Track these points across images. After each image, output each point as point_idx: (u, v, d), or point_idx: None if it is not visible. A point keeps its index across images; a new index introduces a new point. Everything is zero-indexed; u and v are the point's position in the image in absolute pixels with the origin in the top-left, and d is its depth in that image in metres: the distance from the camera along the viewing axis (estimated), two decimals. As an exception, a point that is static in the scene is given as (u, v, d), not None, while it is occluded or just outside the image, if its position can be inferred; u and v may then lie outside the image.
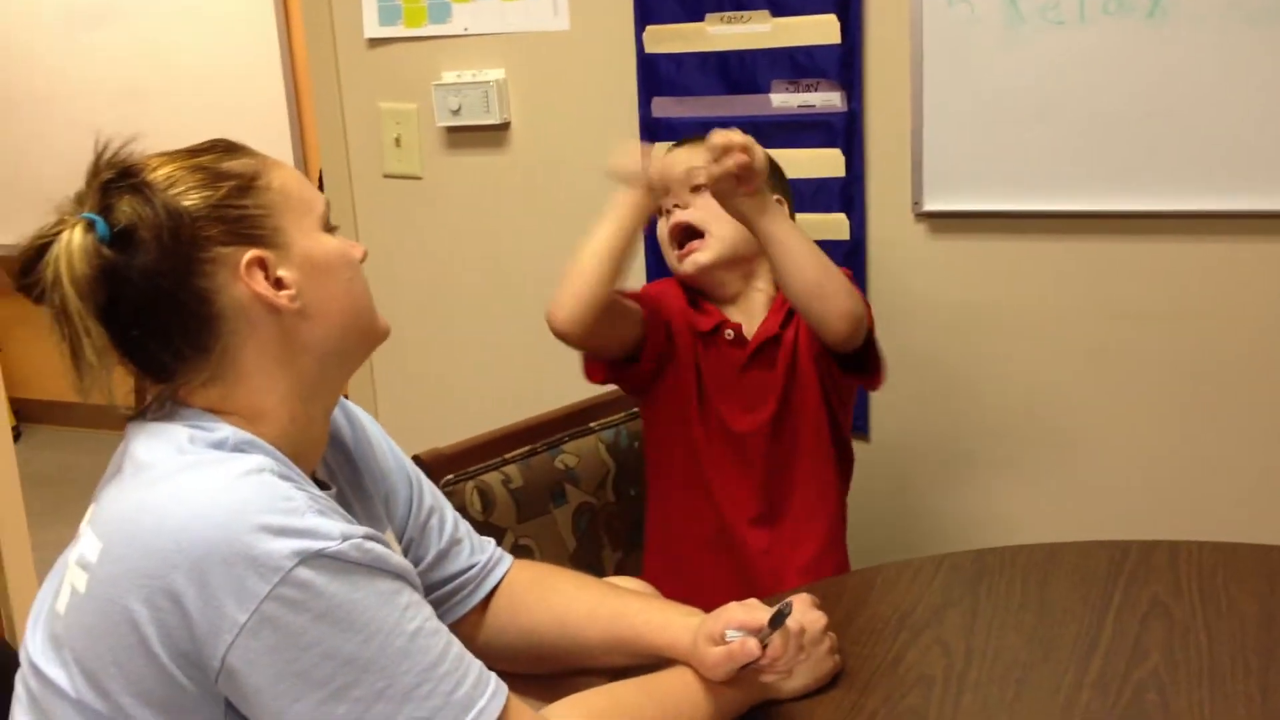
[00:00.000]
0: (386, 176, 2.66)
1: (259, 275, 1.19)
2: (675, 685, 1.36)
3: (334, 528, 1.11)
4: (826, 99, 2.22)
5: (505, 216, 2.55)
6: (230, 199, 1.20)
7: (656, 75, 2.35)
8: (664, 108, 2.36)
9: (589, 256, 1.81)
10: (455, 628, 1.46)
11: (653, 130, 2.36)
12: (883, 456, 2.34)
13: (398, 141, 2.63)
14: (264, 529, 1.07)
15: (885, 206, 2.24)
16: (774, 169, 1.95)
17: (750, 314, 1.96)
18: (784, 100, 2.26)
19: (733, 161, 1.70)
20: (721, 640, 1.34)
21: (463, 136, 2.56)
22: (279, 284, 1.20)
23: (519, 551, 1.91)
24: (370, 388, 2.77)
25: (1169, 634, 1.49)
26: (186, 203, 1.18)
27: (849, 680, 1.44)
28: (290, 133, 4.49)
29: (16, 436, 3.18)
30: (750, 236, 1.85)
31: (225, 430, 1.18)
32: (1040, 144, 2.12)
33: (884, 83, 2.20)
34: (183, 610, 1.07)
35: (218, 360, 1.19)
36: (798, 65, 2.23)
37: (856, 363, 1.88)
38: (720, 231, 1.90)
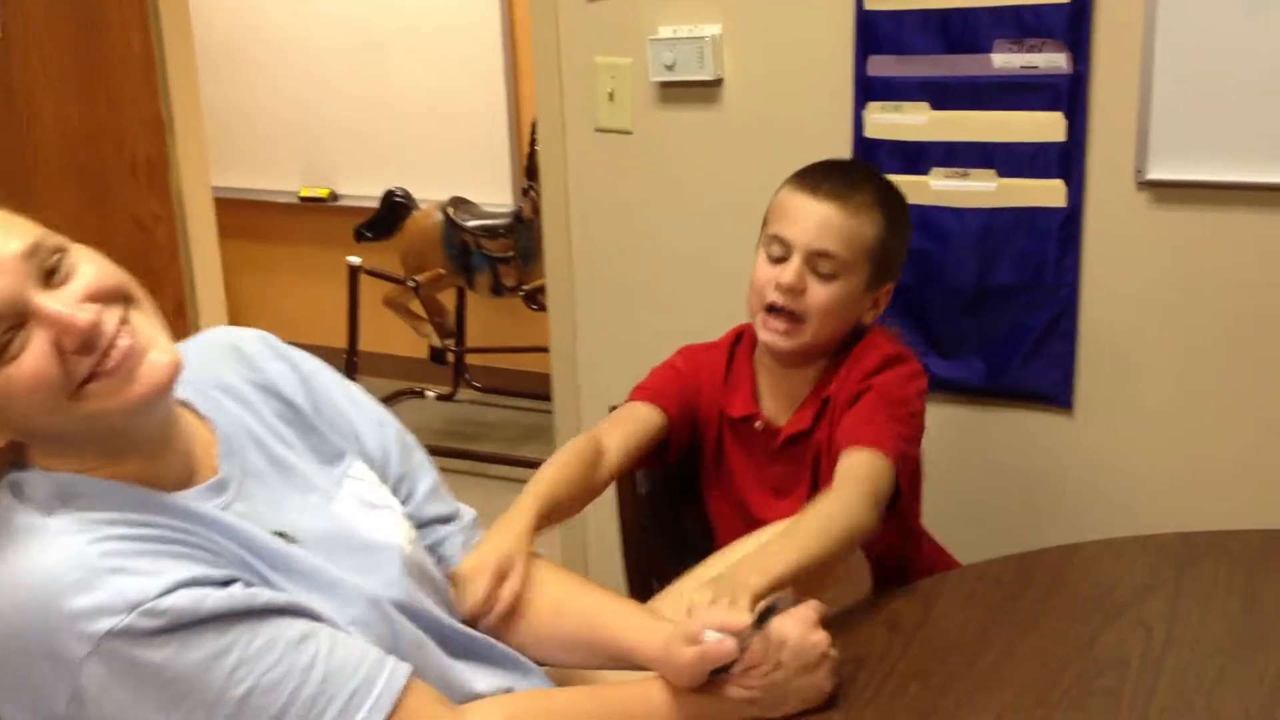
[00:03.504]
0: (598, 131, 2.68)
1: None
2: (630, 698, 1.31)
3: (124, 595, 1.06)
4: (1051, 60, 2.15)
5: (714, 173, 2.55)
6: None
7: (875, 33, 2.30)
8: (881, 66, 2.31)
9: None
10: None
11: (868, 89, 2.32)
12: (1086, 430, 2.26)
13: (611, 96, 2.64)
14: (56, 621, 1.05)
15: (1106, 173, 2.16)
16: (889, 231, 1.78)
17: (785, 402, 1.83)
18: (1006, 61, 2.19)
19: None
20: (698, 641, 1.27)
21: (676, 92, 2.56)
22: None
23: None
24: (572, 342, 2.80)
25: (1390, 632, 1.41)
26: None
27: (1043, 657, 1.41)
28: (505, 84, 4.58)
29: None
30: (839, 333, 1.77)
31: (42, 484, 1.15)
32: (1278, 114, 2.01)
33: (1113, 44, 2.11)
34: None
35: None
36: (1023, 24, 2.16)
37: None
38: (818, 328, 1.75)
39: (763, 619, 1.27)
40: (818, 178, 1.79)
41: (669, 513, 1.99)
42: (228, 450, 1.29)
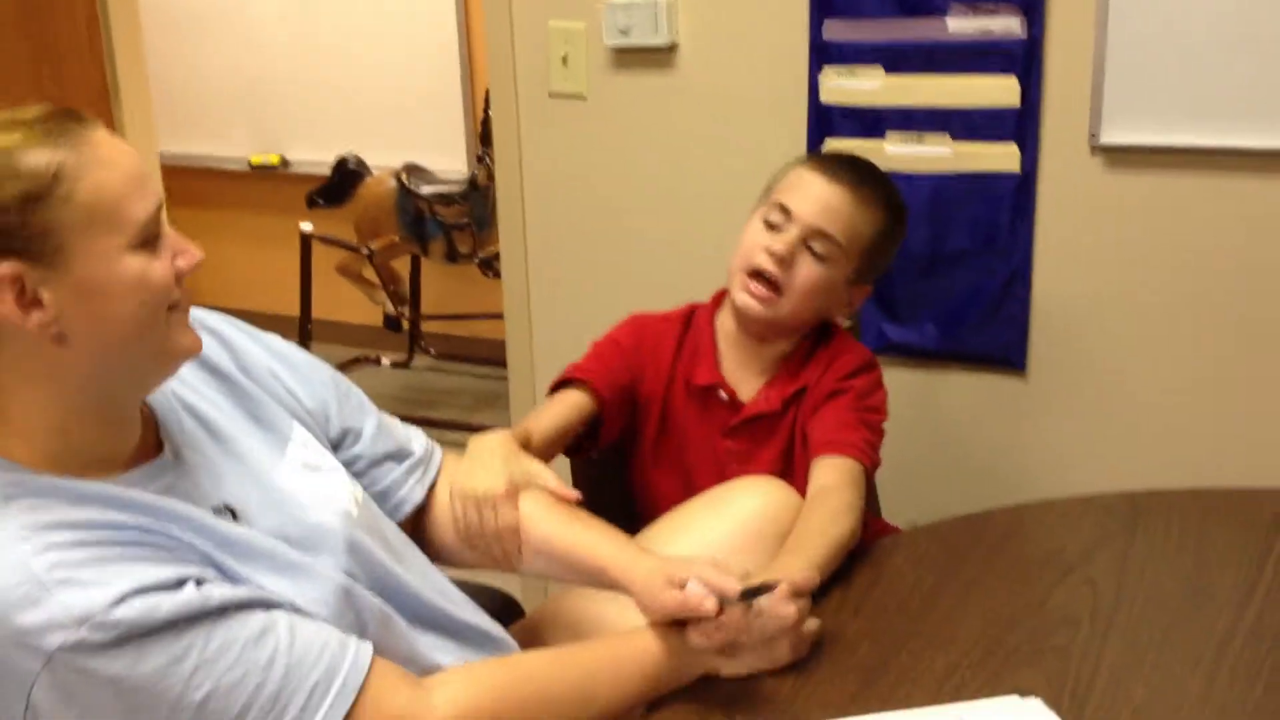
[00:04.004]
0: (552, 96, 2.66)
1: (8, 292, 1.08)
2: (597, 665, 1.32)
3: (71, 609, 1.03)
4: (1006, 25, 2.15)
5: (669, 138, 2.54)
6: (11, 205, 1.07)
7: (829, -3, 2.30)
8: (835, 31, 2.31)
9: None
10: (419, 518, 1.48)
11: (823, 53, 2.31)
12: (1039, 393, 2.28)
13: (565, 61, 2.62)
14: (5, 637, 1.03)
15: (1060, 138, 2.16)
16: (886, 228, 1.77)
17: (746, 376, 1.80)
18: (960, 25, 2.19)
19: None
20: (681, 586, 1.30)
21: (630, 57, 2.55)
22: (37, 303, 1.09)
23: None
24: (526, 308, 2.79)
25: (1334, 589, 1.43)
26: None
27: (994, 616, 1.42)
28: (459, 49, 4.54)
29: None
30: (811, 318, 1.76)
31: None
32: (1233, 76, 2.01)
33: (1067, 9, 2.11)
34: None
35: None
36: (976, -12, 2.16)
37: None
38: (795, 305, 1.73)
39: (751, 593, 1.28)
40: (836, 164, 1.79)
41: (618, 476, 1.97)
42: (167, 428, 1.27)
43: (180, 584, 1.10)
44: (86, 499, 1.12)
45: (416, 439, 1.55)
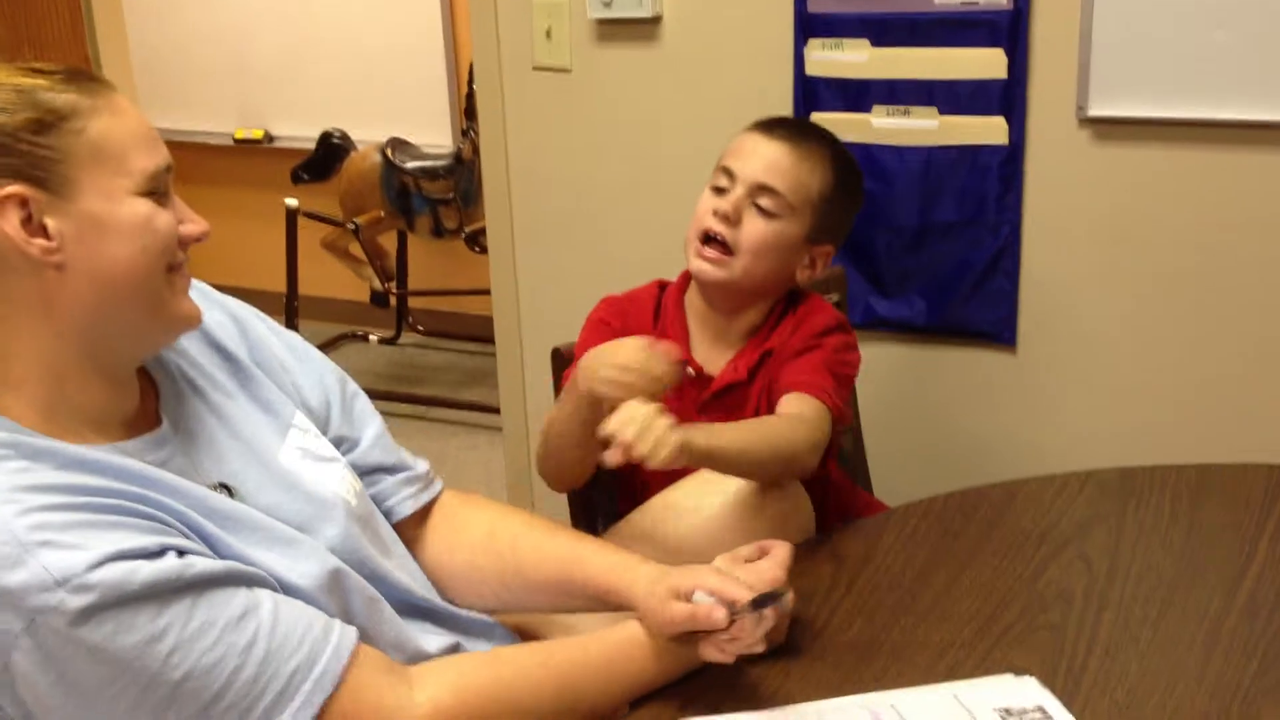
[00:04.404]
0: (536, 69, 2.65)
1: (13, 213, 1.10)
2: (585, 661, 1.29)
3: (50, 571, 1.03)
4: (991, -4, 2.14)
5: (653, 112, 2.53)
6: (22, 129, 1.10)
7: (814, -32, 2.29)
8: (820, 3, 2.29)
9: (566, 449, 1.64)
10: (405, 528, 1.45)
11: (809, 25, 2.30)
12: (1028, 367, 2.28)
13: (548, 33, 2.60)
14: None
15: (1047, 110, 2.16)
16: (839, 196, 1.76)
17: (717, 350, 1.79)
18: (947, -3, 2.18)
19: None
20: (687, 599, 1.25)
21: (614, 29, 2.53)
22: (41, 231, 1.11)
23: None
24: (513, 284, 2.78)
25: (1326, 562, 1.43)
26: None
27: (987, 593, 1.42)
28: (442, 23, 4.51)
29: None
30: (771, 281, 1.75)
31: None
32: (1221, 48, 2.01)
33: (1053, -20, 2.11)
34: None
35: None
36: (963, -41, 2.15)
37: None
38: (749, 264, 1.71)
39: (761, 602, 1.23)
40: (775, 122, 1.79)
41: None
42: (168, 401, 1.27)
43: (162, 552, 1.10)
44: (79, 464, 1.12)
45: (422, 463, 1.52)
